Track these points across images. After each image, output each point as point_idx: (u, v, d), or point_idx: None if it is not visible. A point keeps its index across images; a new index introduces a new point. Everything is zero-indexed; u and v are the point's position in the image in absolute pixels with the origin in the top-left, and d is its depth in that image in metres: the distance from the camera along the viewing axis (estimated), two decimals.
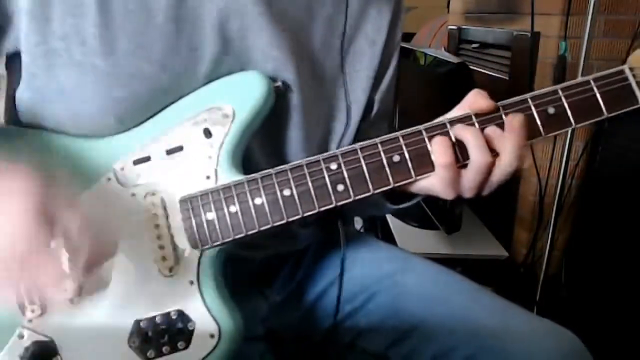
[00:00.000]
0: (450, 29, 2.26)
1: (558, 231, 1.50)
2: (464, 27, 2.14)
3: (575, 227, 1.55)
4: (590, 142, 1.46)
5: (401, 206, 0.65)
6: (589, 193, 1.48)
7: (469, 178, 0.53)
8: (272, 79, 0.59)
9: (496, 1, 1.87)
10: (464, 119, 0.54)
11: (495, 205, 1.77)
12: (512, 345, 0.62)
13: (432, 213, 1.62)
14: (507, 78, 1.73)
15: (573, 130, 1.38)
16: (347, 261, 0.76)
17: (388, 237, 1.70)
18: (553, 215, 1.46)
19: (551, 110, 0.54)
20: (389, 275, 0.72)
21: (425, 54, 1.60)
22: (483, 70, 1.92)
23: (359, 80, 0.67)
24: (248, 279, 0.69)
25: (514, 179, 1.70)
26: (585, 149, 1.47)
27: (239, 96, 0.57)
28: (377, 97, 0.71)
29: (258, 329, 0.69)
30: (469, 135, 0.53)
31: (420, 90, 1.52)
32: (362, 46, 0.67)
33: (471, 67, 1.71)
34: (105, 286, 0.55)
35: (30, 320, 0.54)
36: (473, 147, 0.52)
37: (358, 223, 1.93)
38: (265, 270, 0.73)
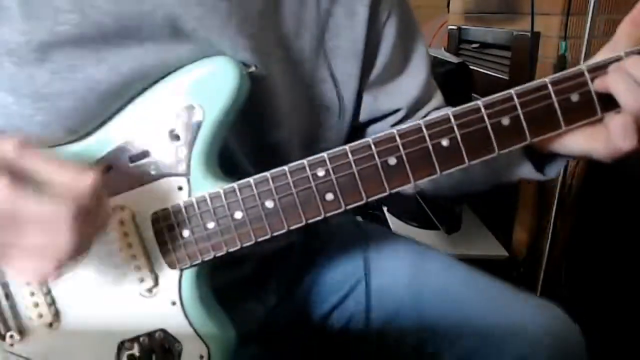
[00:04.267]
0: (450, 29, 2.26)
1: (558, 231, 1.50)
2: (464, 27, 2.14)
3: (575, 227, 1.55)
4: None
5: (548, 176, 0.56)
6: (589, 193, 1.48)
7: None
8: (245, 64, 0.51)
9: (496, 1, 1.87)
10: (472, 111, 0.46)
11: (495, 205, 1.77)
12: (506, 331, 0.61)
13: (432, 213, 1.62)
14: (507, 78, 1.73)
15: None
16: (345, 257, 0.73)
17: None
18: (553, 215, 1.46)
19: (575, 97, 0.46)
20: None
21: None
22: (483, 70, 1.92)
23: (341, 57, 0.61)
24: (243, 284, 0.67)
25: None
26: None
27: (207, 89, 0.48)
28: (379, 77, 0.65)
29: (253, 333, 0.67)
30: (616, 82, 0.44)
31: None
32: (342, 19, 0.61)
33: (471, 67, 1.72)
34: (84, 308, 0.52)
35: (11, 345, 0.52)
36: (622, 92, 0.43)
37: None
38: (260, 273, 0.71)
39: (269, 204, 0.48)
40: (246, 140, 0.58)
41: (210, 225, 0.49)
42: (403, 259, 0.71)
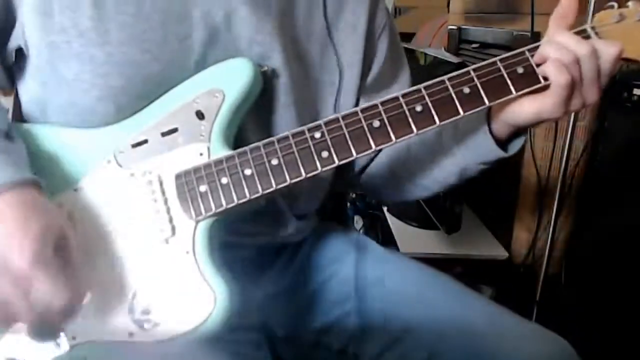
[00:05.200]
0: (450, 29, 2.26)
1: (558, 231, 1.50)
2: (464, 27, 2.14)
3: (575, 227, 1.55)
4: (590, 142, 1.46)
5: (510, 153, 0.64)
6: (589, 193, 1.48)
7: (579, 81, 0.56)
8: (259, 65, 0.62)
9: (496, 1, 1.87)
10: (438, 83, 0.57)
11: (495, 205, 1.77)
12: (502, 350, 0.61)
13: (432, 213, 1.62)
14: None
15: (573, 130, 1.39)
16: (337, 262, 0.76)
17: (388, 238, 1.70)
18: (553, 215, 1.46)
19: (520, 70, 0.57)
20: (380, 280, 0.72)
21: (425, 54, 1.60)
22: None
23: (346, 64, 0.69)
24: (242, 266, 0.70)
25: (514, 179, 1.71)
26: (585, 149, 1.47)
27: (228, 81, 0.61)
28: (370, 83, 0.73)
29: (253, 318, 0.70)
30: (548, 49, 0.56)
31: None
32: (344, 32, 0.69)
33: None
34: (104, 259, 0.57)
35: None
36: (558, 54, 0.55)
37: (358, 223, 1.93)
38: (259, 260, 0.73)
39: (274, 161, 0.57)
40: (259, 128, 0.65)
41: (224, 180, 0.57)
42: (411, 285, 0.72)
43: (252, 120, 0.64)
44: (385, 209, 1.85)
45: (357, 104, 0.71)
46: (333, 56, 0.69)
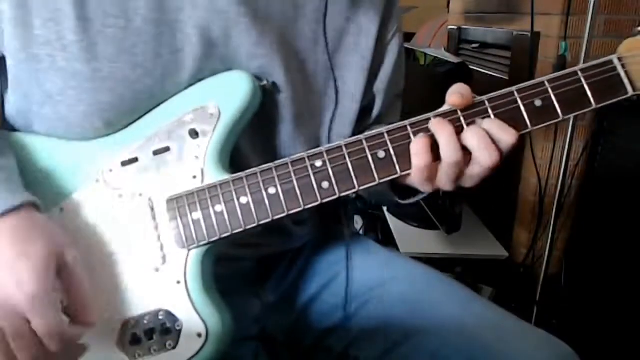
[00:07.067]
0: (450, 29, 2.26)
1: (558, 231, 1.50)
2: (464, 27, 2.14)
3: (575, 227, 1.55)
4: (590, 141, 1.46)
5: (407, 201, 0.63)
6: (589, 193, 1.48)
7: (443, 172, 0.53)
8: (258, 78, 0.59)
9: (496, 1, 1.87)
10: (449, 114, 0.53)
11: (495, 205, 1.77)
12: (505, 356, 0.61)
13: (432, 213, 1.61)
14: (507, 78, 1.73)
15: (573, 130, 1.39)
16: (340, 265, 0.75)
17: (388, 238, 1.70)
18: (553, 215, 1.46)
19: (538, 102, 0.52)
20: (382, 283, 0.71)
21: (425, 54, 1.60)
22: (483, 70, 1.92)
23: (352, 72, 0.66)
24: (242, 278, 0.69)
25: (514, 179, 1.71)
26: (585, 148, 1.47)
27: (225, 96, 0.57)
28: (378, 88, 0.70)
29: (252, 329, 0.69)
30: (440, 133, 0.52)
31: (420, 90, 1.52)
32: (355, 37, 0.66)
33: (471, 67, 1.72)
34: (94, 287, 0.54)
35: None
36: (443, 145, 0.52)
37: (358, 223, 1.93)
38: (259, 270, 0.72)
39: (272, 190, 0.54)
40: (255, 141, 0.62)
41: (218, 208, 0.54)
42: (413, 287, 0.71)
43: (248, 136, 0.61)
44: (385, 208, 1.85)
45: (364, 109, 0.69)
46: (336, 64, 0.65)
